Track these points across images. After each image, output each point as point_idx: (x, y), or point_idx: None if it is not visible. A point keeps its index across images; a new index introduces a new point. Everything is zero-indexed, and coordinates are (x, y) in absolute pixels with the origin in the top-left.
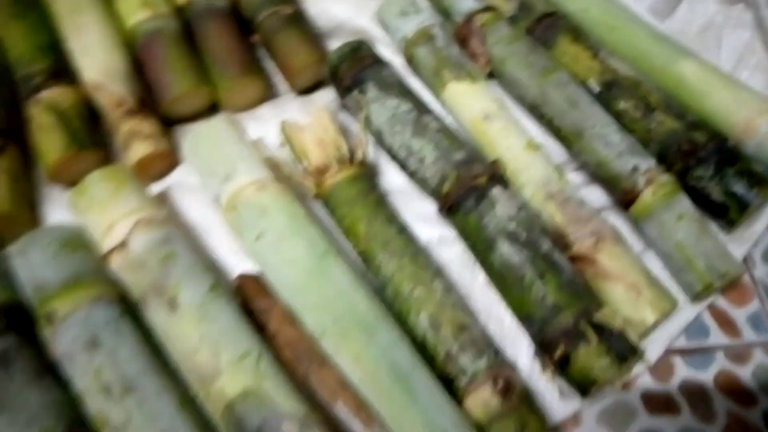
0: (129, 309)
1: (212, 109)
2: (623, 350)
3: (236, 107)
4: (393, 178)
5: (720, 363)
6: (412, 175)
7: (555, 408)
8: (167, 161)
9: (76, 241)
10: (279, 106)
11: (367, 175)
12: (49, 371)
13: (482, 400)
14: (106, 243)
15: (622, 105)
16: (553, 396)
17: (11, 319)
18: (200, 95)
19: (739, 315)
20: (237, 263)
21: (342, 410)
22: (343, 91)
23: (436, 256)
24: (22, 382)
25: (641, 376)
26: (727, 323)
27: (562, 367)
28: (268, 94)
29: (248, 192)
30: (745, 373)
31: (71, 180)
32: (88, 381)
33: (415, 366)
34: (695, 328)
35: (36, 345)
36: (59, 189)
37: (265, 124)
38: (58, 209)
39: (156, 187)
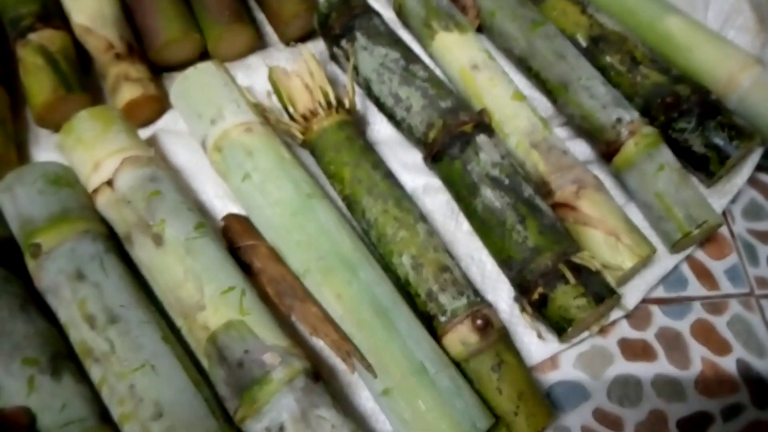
0: (115, 246)
1: (202, 57)
2: (600, 291)
3: (225, 56)
4: (380, 129)
5: (697, 313)
6: (399, 123)
7: (533, 351)
8: (155, 106)
9: (62, 179)
10: (268, 56)
11: (354, 122)
12: (36, 304)
13: (461, 336)
14: (93, 181)
15: (609, 59)
16: (531, 339)
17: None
18: (190, 42)
19: (717, 267)
20: (223, 207)
21: (324, 342)
22: (332, 41)
23: (421, 204)
24: (7, 313)
25: (619, 324)
26: (705, 275)
27: (540, 308)
28: (258, 43)
29: (235, 133)
30: (721, 323)
31: (59, 123)
32: (72, 312)
33: (395, 303)
34: (674, 279)
35: (25, 278)
36: (47, 133)
37: (253, 74)
38: (46, 152)
39: (144, 132)
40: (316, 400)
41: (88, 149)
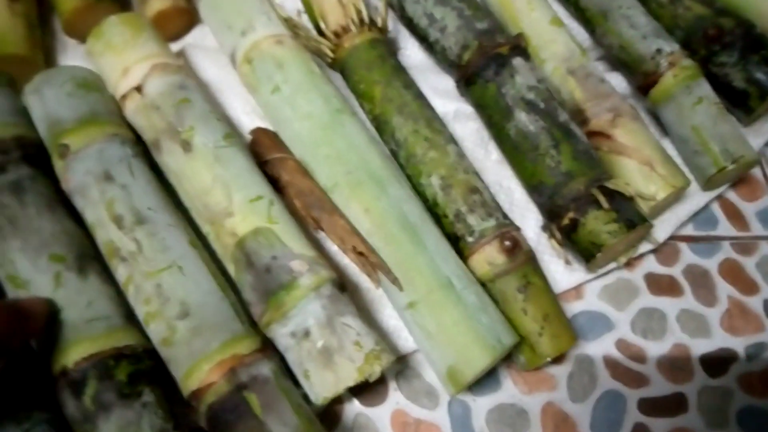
0: (142, 152)
1: None
2: (632, 218)
3: None
4: (411, 53)
5: (726, 252)
6: (431, 45)
7: (558, 279)
8: (184, 19)
9: (90, 83)
10: None
11: (386, 41)
12: (63, 204)
13: (488, 257)
14: (121, 86)
15: None
16: (557, 268)
17: (27, 152)
18: None
19: (749, 209)
20: (250, 123)
21: (349, 257)
22: None
23: (451, 131)
24: (35, 211)
25: (646, 258)
26: (735, 216)
27: (569, 234)
28: None
29: (265, 45)
30: (750, 263)
31: (86, 32)
32: (100, 212)
33: (423, 220)
34: (704, 217)
35: (51, 179)
36: (75, 43)
37: None
38: (72, 61)
39: (172, 47)
40: (342, 309)
41: (118, 54)
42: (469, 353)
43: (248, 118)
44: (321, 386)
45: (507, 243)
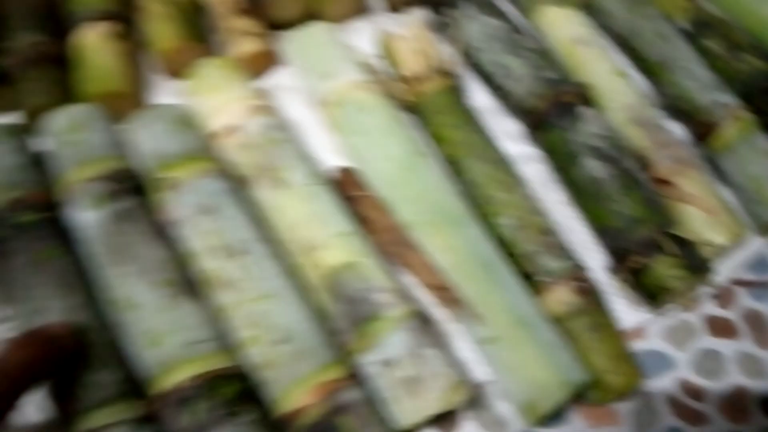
0: (235, 186)
1: (308, 18)
2: (696, 263)
3: (333, 18)
4: (477, 97)
5: None
6: (500, 91)
7: (621, 318)
8: (268, 61)
9: (189, 120)
10: (372, 21)
11: (458, 87)
12: (161, 232)
13: (560, 296)
14: (218, 124)
15: (709, 43)
16: (619, 307)
17: (134, 183)
18: (300, 2)
19: None
20: (331, 161)
21: (430, 292)
22: (438, 9)
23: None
24: (145, 238)
25: (704, 302)
26: None
27: (634, 277)
28: (363, 8)
29: (351, 90)
30: None
31: (176, 69)
32: (203, 241)
33: (498, 258)
34: (761, 263)
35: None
36: (161, 79)
37: (359, 37)
38: (160, 95)
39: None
40: (427, 340)
41: (218, 94)
42: (547, 387)
43: (329, 155)
44: (406, 413)
45: (579, 284)
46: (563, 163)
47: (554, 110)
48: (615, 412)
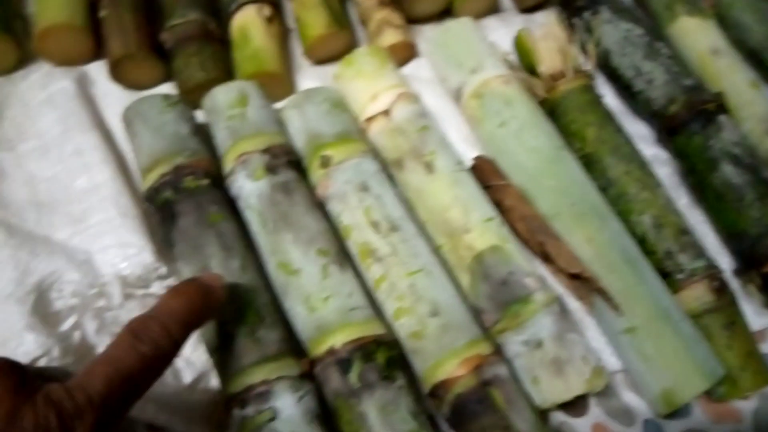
0: (384, 168)
1: (444, 13)
2: None
3: (467, 14)
4: (607, 101)
5: None
6: (635, 95)
7: (749, 320)
8: (408, 52)
9: (342, 104)
10: (503, 20)
11: (594, 87)
12: (317, 206)
13: (696, 294)
14: (369, 109)
15: None
16: (747, 309)
17: (290, 159)
18: None
19: None
20: (465, 150)
21: (564, 279)
22: (574, 11)
23: None
24: (302, 209)
25: None
26: None
27: (764, 281)
28: (496, 6)
29: (495, 84)
30: None
31: (321, 56)
32: (358, 217)
33: (639, 253)
34: None
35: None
36: (307, 64)
37: (491, 34)
38: (306, 81)
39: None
40: (570, 326)
41: (368, 81)
42: (687, 379)
43: (463, 146)
44: (550, 392)
45: (716, 283)
46: (699, 168)
47: (692, 116)
48: (737, 410)
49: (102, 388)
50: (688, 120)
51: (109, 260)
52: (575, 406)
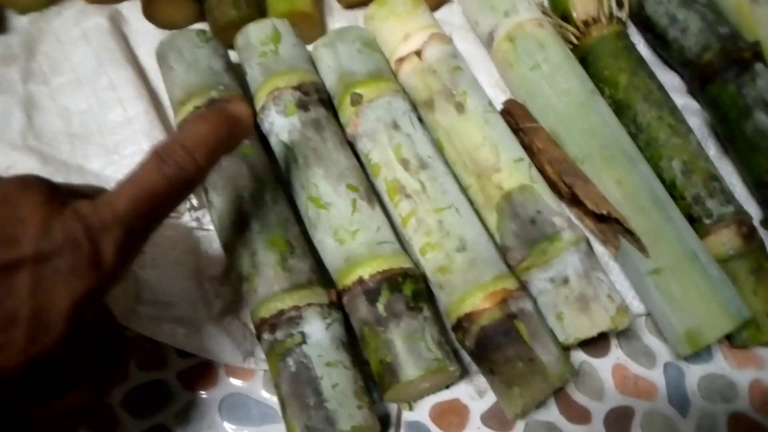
0: (415, 107)
1: None
2: None
3: None
4: (639, 50)
5: None
6: (668, 43)
7: None
8: None
9: (373, 44)
10: None
11: (627, 35)
12: (347, 143)
13: (724, 239)
14: (401, 50)
15: None
16: None
17: (321, 96)
18: None
19: None
20: (494, 95)
21: (590, 223)
22: None
23: None
24: (332, 145)
25: None
26: None
27: None
28: None
29: (528, 26)
30: None
31: (350, 0)
32: (388, 154)
33: (667, 197)
34: None
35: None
36: (338, 7)
37: None
38: (337, 22)
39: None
40: (595, 265)
41: (400, 21)
42: (712, 319)
43: (491, 91)
44: (575, 328)
45: (744, 228)
46: (732, 116)
47: (727, 64)
48: (759, 356)
49: (128, 204)
50: (723, 68)
51: None
52: (597, 346)
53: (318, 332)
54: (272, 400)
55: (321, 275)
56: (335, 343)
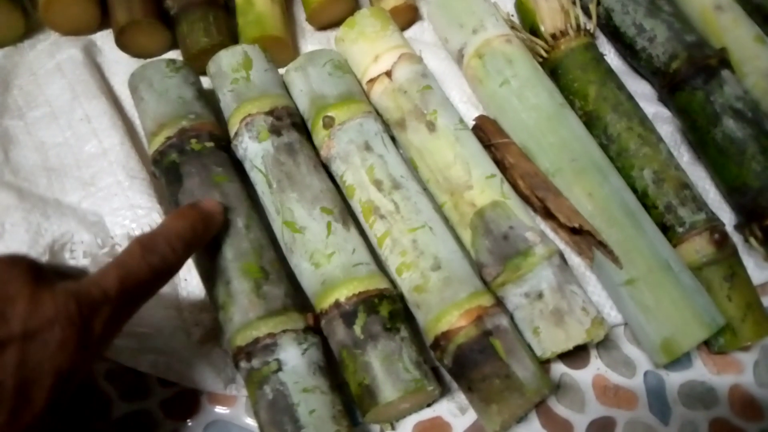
0: (386, 128)
1: None
2: None
3: None
4: (608, 58)
5: None
6: (637, 53)
7: (750, 274)
8: (409, 15)
9: (344, 66)
10: None
11: (596, 46)
12: (320, 166)
13: (697, 247)
14: (372, 71)
15: None
16: (748, 264)
17: (294, 120)
18: None
19: None
20: (466, 111)
21: (564, 235)
22: None
23: None
24: (306, 169)
25: None
26: None
27: (765, 235)
28: None
29: (496, 43)
30: None
31: (324, 22)
32: (361, 176)
33: (639, 207)
34: None
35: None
36: (310, 29)
37: None
38: (308, 44)
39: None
40: (569, 278)
41: (370, 42)
42: (687, 328)
43: (464, 107)
44: (551, 342)
45: (716, 236)
46: (701, 124)
47: (694, 72)
48: (737, 361)
49: (116, 285)
50: (690, 76)
51: (118, 221)
52: (576, 358)
53: (294, 358)
54: (255, 426)
55: (298, 299)
56: (312, 368)
